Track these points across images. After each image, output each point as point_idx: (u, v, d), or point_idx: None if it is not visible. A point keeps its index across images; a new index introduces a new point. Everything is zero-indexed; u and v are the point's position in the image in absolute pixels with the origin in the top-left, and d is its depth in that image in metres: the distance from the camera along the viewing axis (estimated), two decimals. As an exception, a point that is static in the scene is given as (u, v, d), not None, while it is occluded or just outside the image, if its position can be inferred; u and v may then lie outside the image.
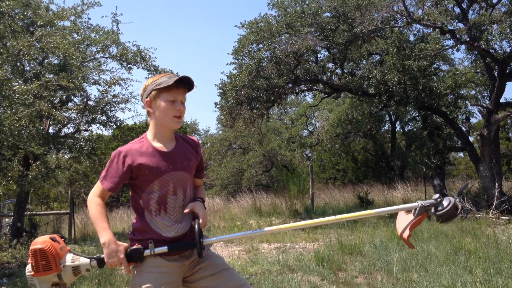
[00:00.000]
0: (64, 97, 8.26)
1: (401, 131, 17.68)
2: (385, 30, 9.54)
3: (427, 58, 9.11)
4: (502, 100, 9.31)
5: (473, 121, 14.43)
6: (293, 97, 19.15)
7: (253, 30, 9.56)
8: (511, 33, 8.38)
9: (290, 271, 4.58)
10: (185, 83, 1.86)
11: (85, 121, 8.33)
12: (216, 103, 10.38)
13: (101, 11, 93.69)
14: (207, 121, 59.96)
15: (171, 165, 1.85)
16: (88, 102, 8.27)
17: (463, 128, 10.76)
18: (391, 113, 16.26)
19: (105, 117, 8.60)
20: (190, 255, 1.87)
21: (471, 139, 11.94)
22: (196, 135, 29.68)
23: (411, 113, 12.91)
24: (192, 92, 1.93)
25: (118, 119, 8.76)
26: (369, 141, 18.71)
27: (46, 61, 7.98)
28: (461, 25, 8.75)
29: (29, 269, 1.74)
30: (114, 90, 10.47)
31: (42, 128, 7.40)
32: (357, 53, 10.47)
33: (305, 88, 11.06)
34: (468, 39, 8.37)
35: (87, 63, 8.49)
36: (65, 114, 8.03)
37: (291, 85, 9.78)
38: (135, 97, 8.85)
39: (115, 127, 8.94)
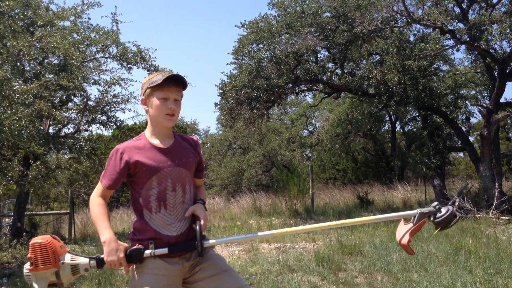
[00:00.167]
0: (64, 97, 8.25)
1: (401, 131, 17.69)
2: (385, 30, 9.54)
3: (427, 58, 9.12)
4: (502, 100, 9.31)
5: (473, 121, 14.45)
6: (293, 97, 19.17)
7: (253, 30, 9.56)
8: (511, 33, 8.38)
9: (290, 271, 4.58)
10: (177, 81, 1.86)
11: (85, 121, 8.33)
12: (216, 103, 10.40)
13: (101, 11, 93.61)
14: (207, 121, 59.99)
15: (169, 161, 1.85)
16: (88, 102, 8.27)
17: (463, 128, 10.76)
18: (391, 113, 16.27)
19: (105, 117, 8.59)
20: (190, 257, 1.87)
21: (471, 139, 11.95)
22: (196, 135, 29.69)
23: (411, 113, 12.93)
24: (192, 92, 1.94)
25: (118, 119, 8.76)
26: (369, 141, 18.71)
27: (46, 61, 7.98)
28: (461, 25, 8.75)
29: (27, 266, 1.73)
30: (114, 90, 10.49)
31: (42, 128, 7.40)
32: (357, 53, 10.47)
33: (305, 88, 11.06)
34: (468, 39, 8.37)
35: (87, 63, 8.49)
36: (65, 114, 8.03)
37: (291, 85, 9.78)
38: (135, 97, 8.85)
39: (115, 127, 8.94)
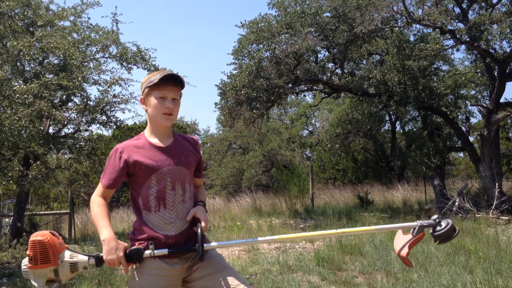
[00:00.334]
0: (64, 97, 8.25)
1: (401, 131, 17.69)
2: (385, 30, 9.54)
3: (427, 58, 9.12)
4: (502, 100, 9.31)
5: (473, 121, 14.45)
6: (293, 97, 19.17)
7: (253, 30, 9.55)
8: (511, 33, 8.38)
9: (290, 271, 4.58)
10: (174, 80, 1.86)
11: (85, 121, 8.32)
12: (216, 103, 10.39)
13: (101, 11, 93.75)
14: (207, 121, 60.01)
15: (168, 160, 1.85)
16: (88, 102, 8.27)
17: (463, 128, 10.76)
18: (391, 113, 16.26)
19: (105, 117, 8.59)
20: (190, 257, 1.87)
21: (471, 139, 11.95)
22: (196, 135, 29.69)
23: (411, 113, 12.92)
24: (192, 92, 1.94)
25: (118, 119, 8.75)
26: (369, 141, 18.71)
27: (46, 61, 7.98)
28: (461, 25, 8.75)
29: (25, 262, 1.71)
30: (114, 90, 10.47)
31: (42, 128, 7.40)
32: (357, 53, 10.47)
33: (305, 88, 11.05)
34: (468, 39, 8.37)
35: (87, 63, 8.48)
36: (65, 114, 8.02)
37: (291, 85, 9.78)
38: (135, 97, 8.84)
39: (115, 127, 8.93)
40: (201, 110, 59.77)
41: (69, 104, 8.49)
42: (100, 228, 1.75)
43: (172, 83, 1.85)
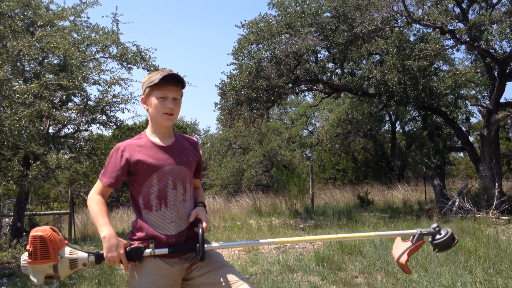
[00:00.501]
0: (64, 97, 8.24)
1: (401, 131, 17.68)
2: (385, 30, 9.54)
3: (427, 58, 9.12)
4: (502, 100, 9.32)
5: (473, 121, 14.45)
6: (293, 97, 19.17)
7: (253, 30, 9.55)
8: (511, 33, 8.38)
9: (290, 271, 4.58)
10: (175, 80, 1.86)
11: (85, 121, 8.32)
12: (216, 103, 10.39)
13: (102, 11, 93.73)
14: (207, 121, 60.02)
15: (169, 159, 1.86)
16: (88, 102, 8.26)
17: (463, 128, 10.76)
18: (391, 113, 16.26)
19: (105, 117, 8.59)
20: (189, 257, 1.87)
21: (471, 139, 11.94)
22: (196, 135, 29.69)
23: (411, 113, 12.92)
24: (192, 92, 1.95)
25: (118, 119, 8.75)
26: (369, 141, 18.71)
27: (46, 61, 7.97)
28: (461, 25, 8.75)
29: (25, 257, 1.70)
30: (114, 90, 10.46)
31: (42, 128, 7.40)
32: (357, 53, 10.47)
33: (305, 88, 11.05)
34: (468, 39, 8.37)
35: (87, 63, 8.48)
36: (65, 114, 8.01)
37: (291, 85, 9.78)
38: (135, 97, 8.84)
39: (115, 127, 8.93)
40: (201, 110, 59.78)
41: (69, 104, 8.48)
42: (99, 225, 1.74)
43: (173, 83, 1.86)
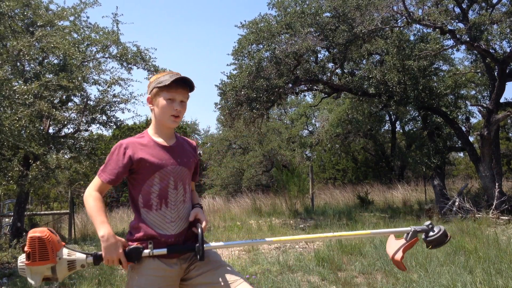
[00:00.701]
0: (64, 97, 8.25)
1: (401, 131, 17.67)
2: (385, 30, 9.54)
3: (427, 58, 9.11)
4: (502, 100, 9.31)
5: (473, 121, 14.45)
6: (293, 97, 19.16)
7: (253, 30, 9.55)
8: (511, 33, 8.38)
9: (290, 271, 4.58)
10: (185, 83, 1.87)
11: (85, 121, 8.32)
12: (216, 103, 10.39)
13: (102, 11, 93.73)
14: (207, 121, 60.03)
15: (171, 159, 1.86)
16: (88, 102, 8.27)
17: (463, 128, 10.76)
18: (391, 113, 16.26)
19: (105, 117, 8.59)
20: (188, 257, 1.87)
21: (471, 139, 11.94)
22: (196, 135, 29.71)
23: (411, 113, 12.91)
24: (192, 92, 1.95)
25: (118, 119, 8.76)
26: (369, 141, 18.70)
27: (46, 61, 7.97)
28: (461, 25, 8.75)
29: (22, 259, 1.68)
30: (114, 90, 10.46)
31: (42, 128, 7.40)
32: (357, 53, 10.46)
33: (305, 88, 11.05)
34: (468, 39, 8.37)
35: (87, 63, 8.48)
36: (65, 114, 8.01)
37: (291, 85, 9.77)
38: (135, 97, 8.85)
39: (115, 127, 8.94)
40: (201, 110, 59.76)
41: (69, 104, 8.49)
42: (97, 224, 1.71)
43: (182, 86, 1.87)
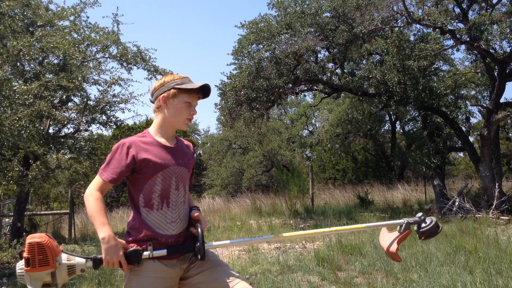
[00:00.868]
0: (64, 97, 8.24)
1: (401, 131, 17.67)
2: (385, 30, 9.54)
3: (427, 58, 9.11)
4: (502, 100, 9.31)
5: (473, 121, 14.45)
6: (293, 97, 19.14)
7: (253, 30, 9.55)
8: (511, 33, 8.38)
9: (290, 271, 4.58)
10: (205, 91, 1.91)
11: (85, 121, 8.32)
12: (216, 103, 10.38)
13: (102, 11, 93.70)
14: (207, 121, 60.07)
15: (173, 160, 1.87)
16: (88, 102, 8.27)
17: (463, 128, 10.76)
18: (391, 113, 16.25)
19: (105, 117, 8.59)
20: (187, 258, 1.88)
21: (471, 139, 11.94)
22: (196, 135, 29.72)
23: (411, 113, 12.90)
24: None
25: (118, 119, 8.76)
26: (369, 141, 18.70)
27: (46, 61, 7.97)
28: (461, 25, 8.74)
29: (20, 265, 1.66)
30: (114, 90, 10.45)
31: (42, 128, 7.40)
32: (357, 53, 10.46)
33: (305, 88, 11.05)
34: (468, 39, 8.36)
35: (87, 63, 8.48)
36: (65, 114, 8.02)
37: (291, 85, 9.77)
38: (135, 97, 8.84)
39: (115, 127, 8.94)
40: (201, 110, 59.84)
41: (69, 104, 8.49)
42: (98, 225, 1.70)
43: (201, 92, 1.90)
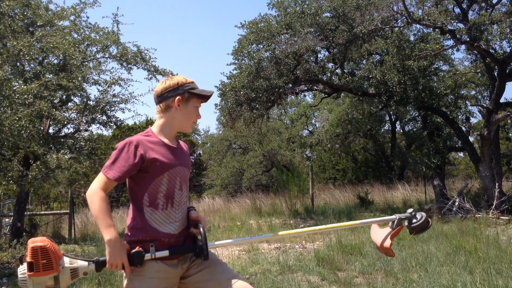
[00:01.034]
0: (64, 97, 8.24)
1: (401, 131, 17.67)
2: (385, 30, 9.54)
3: (427, 58, 9.11)
4: (502, 100, 9.31)
5: (473, 121, 14.46)
6: (293, 97, 19.14)
7: (253, 30, 9.55)
8: (511, 33, 8.37)
9: (290, 271, 4.57)
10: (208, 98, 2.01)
11: (85, 121, 8.32)
12: (216, 104, 10.37)
13: (102, 11, 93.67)
14: (207, 121, 60.05)
15: (177, 160, 1.88)
16: (88, 102, 8.26)
17: (463, 128, 10.76)
18: (391, 113, 16.25)
19: (105, 117, 8.59)
20: (188, 257, 1.88)
21: (471, 139, 11.94)
22: (196, 135, 29.71)
23: (411, 113, 12.91)
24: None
25: (118, 119, 8.75)
26: (369, 141, 18.69)
27: (46, 61, 7.97)
28: (461, 25, 8.74)
29: (22, 270, 1.63)
30: (114, 90, 10.44)
31: (42, 128, 7.40)
32: (357, 53, 10.46)
33: (305, 88, 11.05)
34: (468, 39, 8.36)
35: (87, 63, 8.47)
36: (65, 114, 8.02)
37: (291, 85, 9.77)
38: (135, 97, 8.83)
39: (115, 127, 8.93)
40: (201, 110, 59.75)
41: (69, 104, 8.48)
42: (103, 227, 1.67)
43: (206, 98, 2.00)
